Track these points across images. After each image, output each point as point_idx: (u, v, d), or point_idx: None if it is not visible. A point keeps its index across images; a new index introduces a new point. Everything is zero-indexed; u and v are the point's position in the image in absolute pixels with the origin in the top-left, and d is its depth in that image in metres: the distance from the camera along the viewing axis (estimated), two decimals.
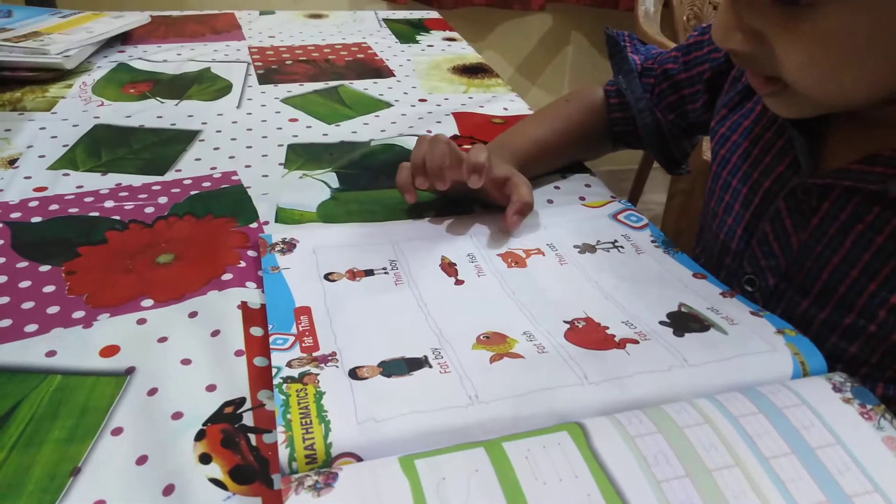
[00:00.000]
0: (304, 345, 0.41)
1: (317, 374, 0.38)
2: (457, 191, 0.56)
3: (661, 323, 0.43)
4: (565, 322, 0.43)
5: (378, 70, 0.97)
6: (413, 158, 0.55)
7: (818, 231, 0.44)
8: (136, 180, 0.64)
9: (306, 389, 0.36)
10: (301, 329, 0.42)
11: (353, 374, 0.38)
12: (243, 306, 0.46)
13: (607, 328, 0.43)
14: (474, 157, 0.52)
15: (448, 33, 1.17)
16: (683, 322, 0.43)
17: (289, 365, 0.39)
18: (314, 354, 0.40)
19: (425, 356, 0.40)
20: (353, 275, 0.48)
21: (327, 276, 0.48)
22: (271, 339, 0.41)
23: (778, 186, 0.47)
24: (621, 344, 0.41)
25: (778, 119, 0.49)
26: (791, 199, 0.46)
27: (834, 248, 0.43)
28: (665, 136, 0.66)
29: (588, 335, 0.42)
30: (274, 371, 0.38)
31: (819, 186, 0.44)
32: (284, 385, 0.37)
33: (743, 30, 0.39)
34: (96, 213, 0.58)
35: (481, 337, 0.42)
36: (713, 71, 0.59)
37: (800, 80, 0.38)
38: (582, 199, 0.63)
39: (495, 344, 0.41)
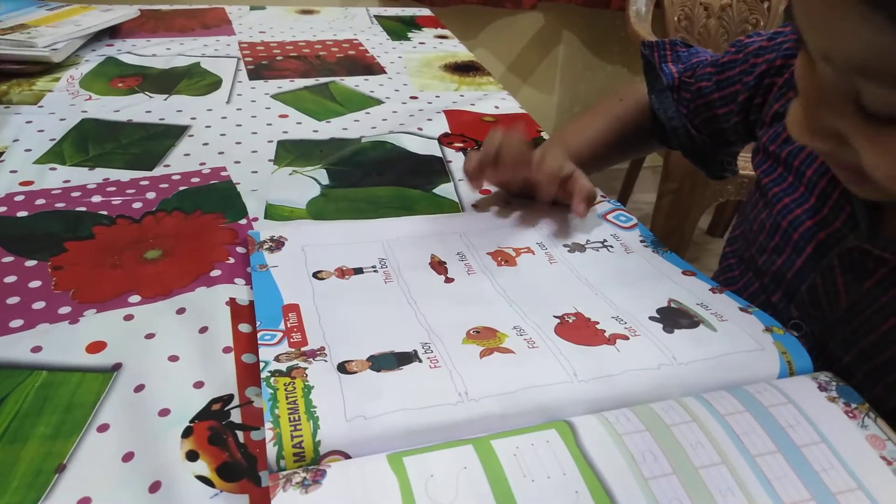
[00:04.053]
0: (292, 340, 0.40)
1: (305, 369, 0.38)
2: (518, 187, 0.58)
3: (651, 318, 0.43)
4: (555, 317, 0.44)
5: (369, 67, 0.97)
6: (485, 150, 0.56)
7: (870, 296, 0.42)
8: (124, 175, 0.63)
9: (294, 384, 0.36)
10: (289, 325, 0.42)
11: (342, 368, 0.38)
12: (231, 303, 0.46)
13: (597, 323, 0.43)
14: (554, 165, 0.54)
15: (440, 31, 1.17)
16: (673, 318, 0.43)
17: (276, 359, 0.38)
18: (302, 349, 0.40)
19: (415, 350, 0.40)
20: (343, 273, 0.48)
21: (316, 275, 0.48)
22: (259, 334, 0.41)
23: (832, 241, 0.45)
24: (611, 340, 0.41)
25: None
26: (846, 258, 0.44)
27: (885, 316, 0.41)
28: (701, 150, 0.65)
29: (578, 331, 0.42)
30: (261, 365, 0.38)
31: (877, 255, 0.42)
32: (272, 379, 0.37)
33: (824, 131, 0.35)
34: (83, 208, 0.57)
35: (471, 331, 0.42)
36: (747, 93, 0.57)
37: (889, 185, 0.34)
38: None
39: (485, 338, 0.41)
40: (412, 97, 0.86)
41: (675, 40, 0.68)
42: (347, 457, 0.33)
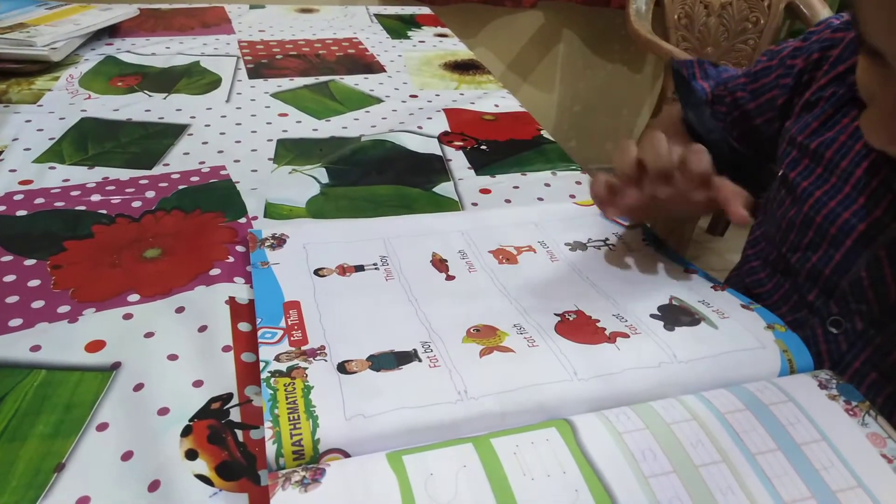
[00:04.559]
0: (292, 338, 0.40)
1: (305, 369, 0.38)
2: (661, 203, 0.47)
3: (652, 316, 0.43)
4: (556, 315, 0.44)
5: (369, 65, 0.96)
6: (620, 166, 0.46)
7: None
8: (124, 174, 0.63)
9: (294, 384, 0.36)
10: (290, 323, 0.42)
11: (342, 368, 0.38)
12: (231, 302, 0.46)
13: (598, 321, 0.43)
14: (705, 162, 0.44)
15: (439, 29, 1.17)
16: (674, 316, 0.43)
17: (277, 359, 0.38)
18: (303, 348, 0.39)
19: (414, 349, 0.40)
20: (344, 270, 0.48)
21: (317, 272, 0.48)
22: (259, 332, 0.41)
23: (874, 231, 0.44)
24: (612, 338, 0.41)
25: (870, 155, 0.45)
26: (894, 247, 0.43)
27: None
28: (745, 166, 0.62)
29: (579, 329, 0.42)
30: (262, 365, 0.38)
31: None
32: (272, 379, 0.37)
33: None
34: (83, 207, 0.57)
35: (472, 330, 0.42)
36: (786, 96, 0.56)
37: None
38: (573, 196, 0.63)
39: (486, 337, 0.41)
40: (412, 96, 0.86)
41: (700, 60, 0.66)
42: (347, 455, 0.33)
